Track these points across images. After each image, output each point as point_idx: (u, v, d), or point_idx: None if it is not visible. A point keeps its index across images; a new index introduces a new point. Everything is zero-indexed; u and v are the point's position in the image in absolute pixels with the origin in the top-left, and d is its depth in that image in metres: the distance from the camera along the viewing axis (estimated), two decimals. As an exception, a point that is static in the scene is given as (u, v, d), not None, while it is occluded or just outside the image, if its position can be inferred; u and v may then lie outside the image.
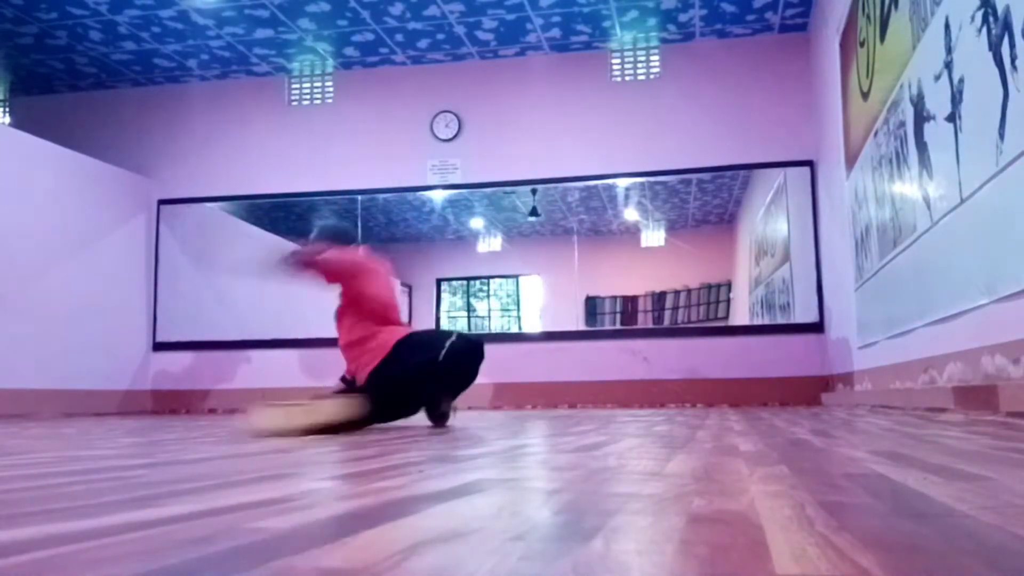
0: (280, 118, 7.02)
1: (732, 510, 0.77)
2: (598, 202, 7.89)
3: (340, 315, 3.35)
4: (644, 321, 8.91)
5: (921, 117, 3.08)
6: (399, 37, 6.32)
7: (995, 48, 2.24)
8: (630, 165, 6.51)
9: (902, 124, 3.38)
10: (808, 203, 6.19)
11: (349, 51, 6.58)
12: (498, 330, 9.47)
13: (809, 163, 6.17)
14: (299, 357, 6.56)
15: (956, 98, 2.64)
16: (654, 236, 8.67)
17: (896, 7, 3.41)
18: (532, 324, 9.49)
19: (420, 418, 3.79)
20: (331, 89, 6.98)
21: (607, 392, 6.22)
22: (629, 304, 9.00)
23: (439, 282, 9.64)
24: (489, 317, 9.90)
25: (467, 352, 3.20)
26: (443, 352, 3.10)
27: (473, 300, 10.01)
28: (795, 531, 0.65)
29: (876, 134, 3.88)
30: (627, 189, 7.58)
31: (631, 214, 8.51)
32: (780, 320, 6.79)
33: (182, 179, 7.03)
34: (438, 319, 9.45)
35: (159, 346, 6.89)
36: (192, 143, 7.09)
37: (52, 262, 5.93)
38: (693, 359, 6.17)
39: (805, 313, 6.20)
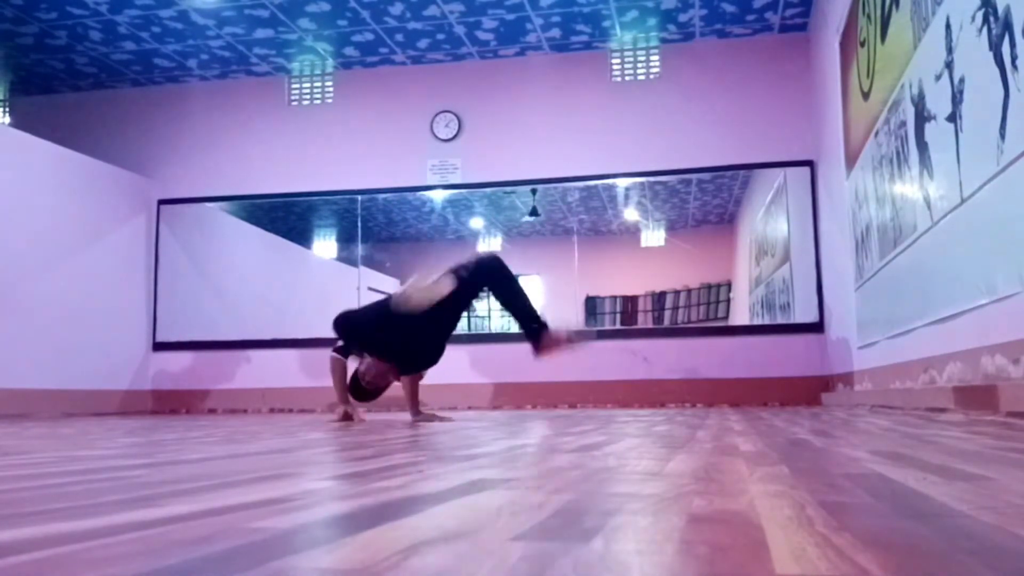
0: (280, 118, 7.01)
1: (732, 510, 0.77)
2: (598, 202, 7.89)
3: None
4: (644, 321, 8.91)
5: (922, 117, 3.08)
6: (399, 37, 6.32)
7: (996, 48, 2.24)
8: (630, 165, 6.51)
9: (903, 124, 3.38)
10: (808, 203, 6.19)
11: (349, 51, 6.58)
12: (498, 330, 9.46)
13: (809, 163, 6.17)
14: (299, 357, 6.56)
15: (957, 98, 2.64)
16: (654, 236, 8.67)
17: (897, 7, 3.41)
18: (532, 324, 9.46)
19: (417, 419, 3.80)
20: (331, 89, 6.98)
21: (607, 392, 6.22)
22: (629, 304, 9.00)
23: (439, 282, 9.62)
24: (489, 317, 9.89)
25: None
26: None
27: (473, 300, 9.99)
28: (795, 531, 0.65)
29: (877, 134, 3.88)
30: (627, 189, 7.58)
31: (631, 214, 8.51)
32: (780, 320, 6.79)
33: (182, 179, 7.03)
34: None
35: (159, 346, 6.89)
36: (192, 143, 7.09)
37: (52, 262, 5.93)
38: (693, 359, 6.17)
39: (805, 313, 6.20)
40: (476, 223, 9.00)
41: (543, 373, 6.34)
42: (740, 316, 8.54)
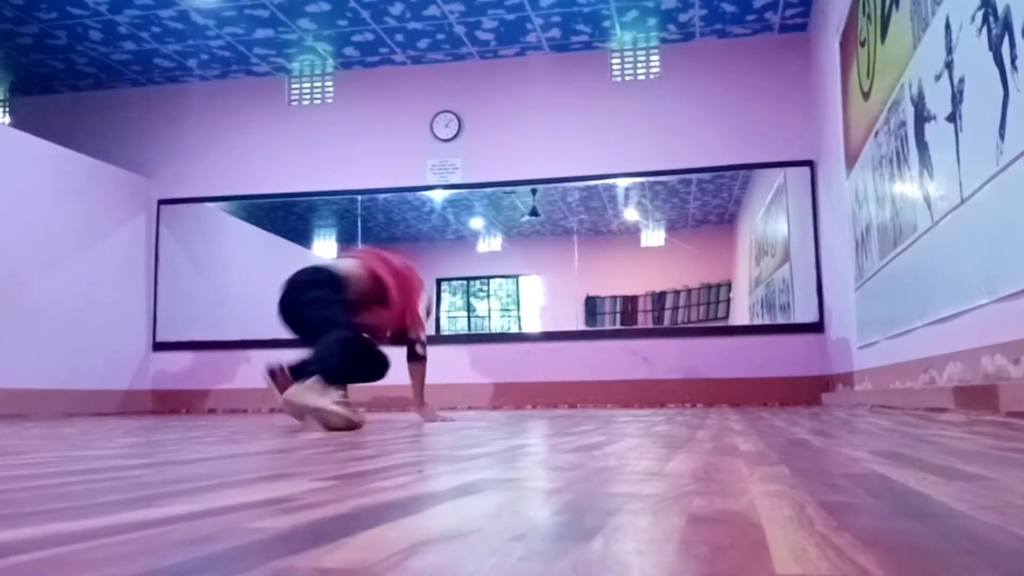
0: (280, 118, 7.01)
1: (732, 510, 0.77)
2: (598, 202, 7.89)
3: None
4: (644, 321, 8.92)
5: (922, 117, 3.08)
6: (399, 37, 6.32)
7: (995, 48, 2.24)
8: (630, 165, 6.51)
9: (903, 124, 3.38)
10: (808, 203, 6.19)
11: (349, 51, 6.58)
12: (498, 330, 9.47)
13: (809, 163, 6.17)
14: (299, 357, 6.55)
15: (956, 98, 2.64)
16: (654, 236, 8.68)
17: (897, 7, 3.41)
18: (532, 324, 9.49)
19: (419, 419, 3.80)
20: (331, 89, 6.98)
21: (607, 392, 6.22)
22: (629, 304, 9.01)
23: (439, 282, 9.64)
24: (489, 317, 9.90)
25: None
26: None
27: (473, 300, 10.02)
28: (795, 531, 0.65)
29: (877, 134, 3.88)
30: (627, 189, 7.59)
31: (631, 214, 8.51)
32: (780, 320, 6.79)
33: (182, 179, 7.03)
34: (438, 319, 9.46)
35: (159, 346, 6.89)
36: (192, 143, 7.09)
37: (52, 262, 5.93)
38: (693, 359, 6.17)
39: (805, 313, 6.20)
40: (476, 223, 9.01)
41: (543, 373, 6.34)
42: (740, 316, 8.55)
